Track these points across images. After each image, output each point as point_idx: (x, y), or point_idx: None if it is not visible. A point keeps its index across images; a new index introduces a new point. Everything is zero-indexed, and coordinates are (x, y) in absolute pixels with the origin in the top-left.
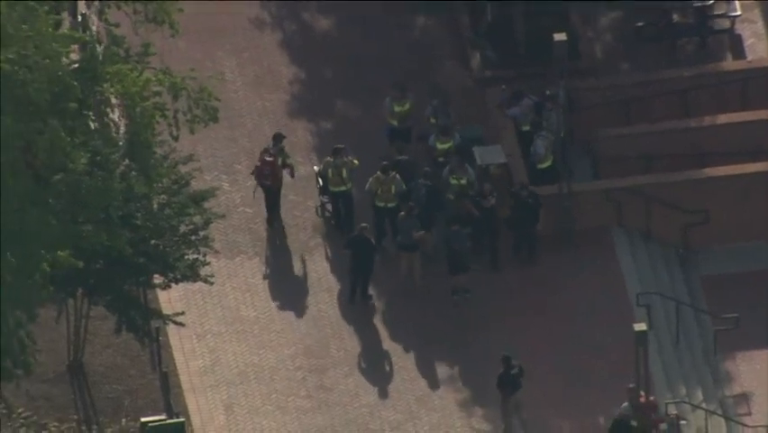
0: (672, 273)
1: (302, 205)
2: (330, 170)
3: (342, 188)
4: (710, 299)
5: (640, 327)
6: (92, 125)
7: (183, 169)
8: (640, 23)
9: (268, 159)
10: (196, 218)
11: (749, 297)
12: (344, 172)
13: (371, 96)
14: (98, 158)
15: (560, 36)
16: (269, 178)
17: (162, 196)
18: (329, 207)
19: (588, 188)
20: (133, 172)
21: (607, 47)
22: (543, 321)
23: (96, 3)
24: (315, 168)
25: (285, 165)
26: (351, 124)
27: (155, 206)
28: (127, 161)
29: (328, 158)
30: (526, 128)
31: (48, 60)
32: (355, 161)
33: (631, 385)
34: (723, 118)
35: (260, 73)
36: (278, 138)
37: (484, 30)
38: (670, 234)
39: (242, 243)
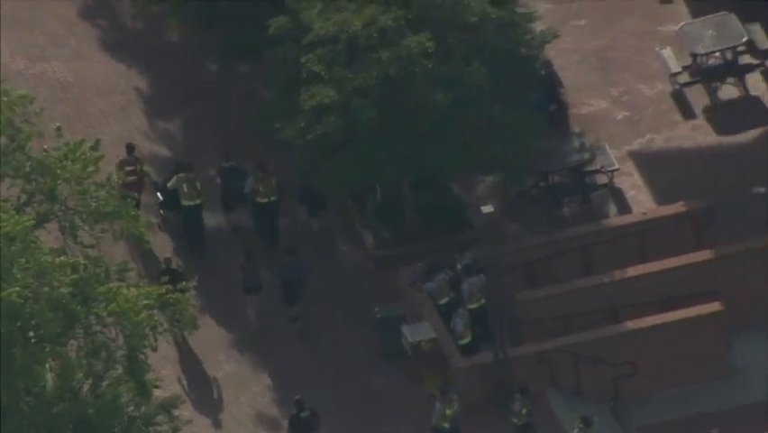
0: (611, 426)
1: None
2: (185, 185)
3: (198, 202)
4: None
5: None
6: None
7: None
8: (522, 187)
9: (130, 168)
10: (163, 427)
11: None
12: (198, 185)
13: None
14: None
15: (487, 208)
16: (135, 185)
17: (131, 407)
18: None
19: (521, 353)
20: (99, 390)
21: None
22: None
23: (67, 227)
24: (157, 181)
25: (143, 172)
26: None
27: (125, 418)
28: (91, 380)
29: (180, 174)
30: (443, 301)
31: (47, 289)
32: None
33: None
34: (631, 271)
35: None
36: (130, 148)
37: (374, 209)
38: (600, 389)
39: None
